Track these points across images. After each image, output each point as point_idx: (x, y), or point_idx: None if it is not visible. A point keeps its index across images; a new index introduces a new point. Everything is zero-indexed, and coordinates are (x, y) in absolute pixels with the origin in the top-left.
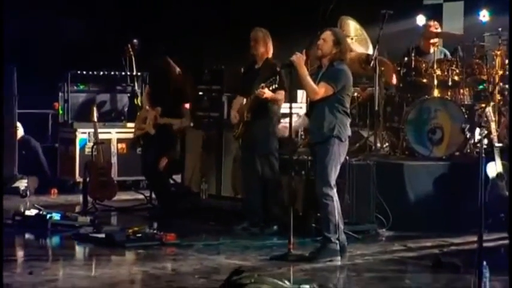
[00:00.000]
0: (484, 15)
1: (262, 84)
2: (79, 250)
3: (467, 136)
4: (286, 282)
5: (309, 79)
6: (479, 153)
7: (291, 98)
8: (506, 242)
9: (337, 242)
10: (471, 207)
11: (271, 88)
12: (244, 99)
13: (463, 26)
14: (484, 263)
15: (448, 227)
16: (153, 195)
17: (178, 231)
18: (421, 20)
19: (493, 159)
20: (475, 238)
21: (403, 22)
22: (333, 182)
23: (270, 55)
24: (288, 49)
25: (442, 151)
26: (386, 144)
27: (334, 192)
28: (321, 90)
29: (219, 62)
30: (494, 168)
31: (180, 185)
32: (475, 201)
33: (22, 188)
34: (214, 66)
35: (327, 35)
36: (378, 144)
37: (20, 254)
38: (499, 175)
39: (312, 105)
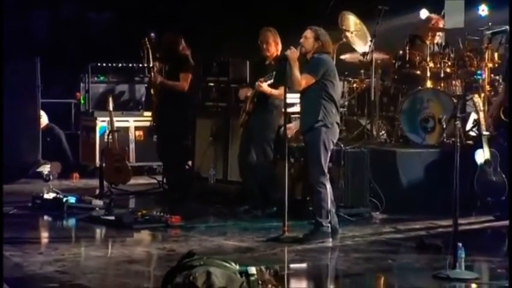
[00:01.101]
0: (483, 10)
1: (261, 79)
2: (89, 232)
3: (443, 127)
4: (233, 264)
5: (296, 72)
6: (455, 143)
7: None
8: (492, 224)
9: (329, 225)
10: (460, 192)
11: (267, 83)
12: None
13: (463, 19)
14: (460, 244)
15: (437, 211)
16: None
17: (186, 213)
18: (424, 13)
19: (481, 147)
20: (462, 221)
21: (407, 16)
22: (325, 168)
23: (279, 52)
24: (290, 44)
25: (434, 139)
26: (383, 132)
27: (327, 179)
28: (303, 81)
29: (238, 54)
30: (482, 155)
31: (190, 171)
32: (464, 186)
33: (45, 172)
34: (222, 58)
35: (307, 32)
36: (374, 133)
37: (34, 235)
38: (486, 161)
39: (301, 96)
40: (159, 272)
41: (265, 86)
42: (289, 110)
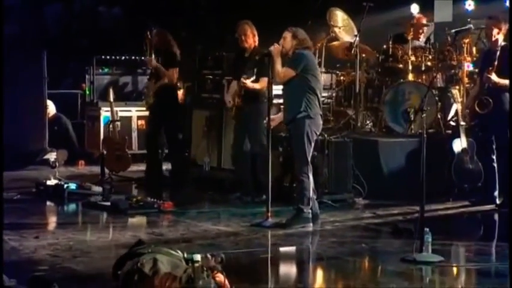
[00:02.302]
0: (470, 4)
1: (244, 76)
2: (85, 217)
3: (411, 119)
4: (179, 252)
5: (278, 66)
6: (422, 134)
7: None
8: (467, 209)
9: (310, 211)
10: (437, 179)
11: (251, 79)
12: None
13: (451, 13)
14: (427, 229)
15: (416, 197)
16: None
17: (180, 199)
18: (414, 8)
19: (459, 136)
20: (439, 206)
21: (397, 11)
22: (309, 158)
23: (257, 43)
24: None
25: (415, 129)
26: (369, 122)
27: (309, 169)
28: (282, 74)
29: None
30: (459, 144)
31: (186, 158)
32: (441, 174)
33: (52, 159)
34: (217, 53)
35: (285, 33)
36: (359, 123)
37: (33, 220)
38: (463, 150)
39: (284, 89)
40: None
41: (248, 83)
42: (279, 101)
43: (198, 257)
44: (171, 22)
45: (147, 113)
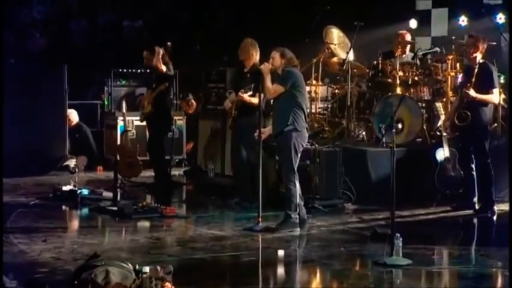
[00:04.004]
0: (463, 20)
1: (242, 90)
2: (92, 221)
3: (382, 134)
4: (129, 264)
5: (268, 83)
6: (392, 149)
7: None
8: (447, 214)
9: (297, 217)
10: (422, 186)
11: (248, 94)
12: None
13: (447, 28)
14: (398, 234)
15: (401, 203)
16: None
17: (185, 204)
18: (413, 23)
19: (442, 146)
20: (422, 211)
21: (397, 25)
22: (295, 167)
23: (257, 60)
24: None
25: (402, 139)
26: (361, 132)
27: (296, 177)
28: (273, 90)
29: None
30: (442, 153)
31: (194, 165)
32: (425, 181)
33: (72, 165)
34: (221, 68)
35: (273, 53)
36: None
37: (44, 223)
38: (446, 159)
39: (274, 104)
40: (139, 259)
41: (246, 97)
42: None
43: (146, 268)
44: (190, 35)
45: None
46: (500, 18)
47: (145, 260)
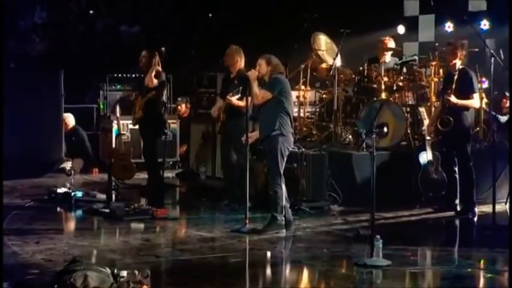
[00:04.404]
0: (449, 26)
1: (230, 94)
2: (85, 223)
3: (363, 139)
4: (107, 269)
5: (255, 89)
6: (372, 152)
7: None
8: (429, 216)
9: (283, 218)
10: (406, 188)
11: (236, 97)
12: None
13: (434, 34)
14: (378, 236)
15: (385, 204)
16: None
17: (176, 205)
18: (401, 29)
19: (425, 149)
20: (405, 213)
21: (386, 31)
22: (281, 171)
23: (242, 66)
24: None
25: (386, 142)
26: (347, 135)
27: (282, 180)
28: (260, 95)
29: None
30: (425, 157)
31: (186, 168)
32: (408, 184)
33: (67, 168)
34: (211, 73)
35: (260, 60)
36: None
37: (38, 225)
38: (429, 162)
39: (261, 109)
40: (129, 260)
41: (234, 100)
42: None
43: (124, 273)
44: (185, 40)
45: None
46: (485, 24)
47: (134, 262)
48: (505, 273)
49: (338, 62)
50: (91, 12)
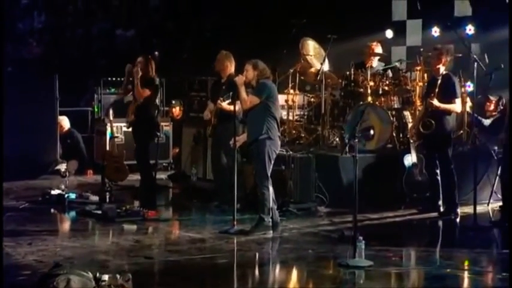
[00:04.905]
0: (436, 31)
1: (221, 98)
2: (77, 225)
3: (345, 142)
4: (90, 273)
5: (243, 93)
6: (354, 156)
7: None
8: (414, 217)
9: (270, 220)
10: (391, 190)
11: (226, 102)
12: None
13: (421, 38)
14: (361, 237)
15: (369, 206)
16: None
17: (168, 207)
18: (389, 33)
19: (410, 152)
20: (390, 214)
21: (374, 35)
22: (268, 173)
23: (232, 71)
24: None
25: (372, 145)
26: (334, 138)
27: (270, 182)
28: (248, 100)
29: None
30: (410, 159)
31: (178, 170)
32: (393, 185)
33: (62, 170)
34: (203, 77)
35: (246, 65)
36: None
37: (31, 226)
38: (413, 164)
39: (248, 113)
40: (118, 261)
41: (224, 105)
42: None
43: (105, 276)
44: (178, 44)
45: None
46: (470, 29)
47: (123, 263)
48: (487, 274)
49: (326, 67)
50: (87, 16)
